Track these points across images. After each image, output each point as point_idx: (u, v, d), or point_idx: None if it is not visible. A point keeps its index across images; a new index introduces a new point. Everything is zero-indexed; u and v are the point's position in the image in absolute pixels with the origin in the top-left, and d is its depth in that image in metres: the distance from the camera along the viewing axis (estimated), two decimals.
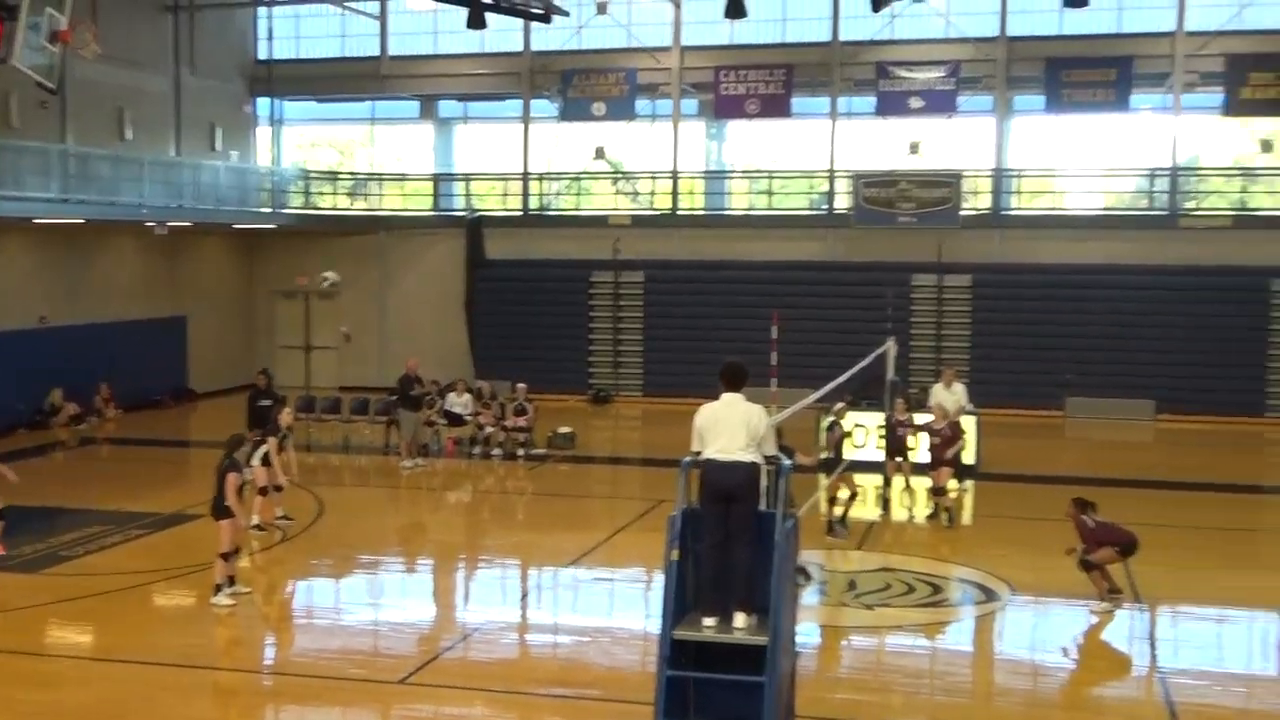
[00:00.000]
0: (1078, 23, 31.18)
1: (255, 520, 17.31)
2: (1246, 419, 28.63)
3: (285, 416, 18.23)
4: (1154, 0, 31.15)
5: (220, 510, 14.22)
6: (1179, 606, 14.61)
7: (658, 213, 33.86)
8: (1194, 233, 30.33)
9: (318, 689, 11.84)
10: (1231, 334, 29.11)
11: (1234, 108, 30.21)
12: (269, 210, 33.21)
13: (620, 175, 35.27)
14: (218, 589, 14.22)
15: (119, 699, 11.50)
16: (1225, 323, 29.20)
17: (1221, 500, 20.99)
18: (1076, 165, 32.50)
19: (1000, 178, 32.08)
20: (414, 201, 36.27)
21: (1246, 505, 21.30)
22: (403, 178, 36.87)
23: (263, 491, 17.41)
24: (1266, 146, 31.09)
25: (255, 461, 16.96)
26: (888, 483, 19.72)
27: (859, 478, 19.69)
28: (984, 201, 32.16)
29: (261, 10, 35.39)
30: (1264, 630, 14.70)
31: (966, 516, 19.76)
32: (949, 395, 21.02)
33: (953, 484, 19.28)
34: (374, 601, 15.49)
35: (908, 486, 19.67)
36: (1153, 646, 13.32)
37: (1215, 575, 15.97)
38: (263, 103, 36.34)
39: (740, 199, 35.32)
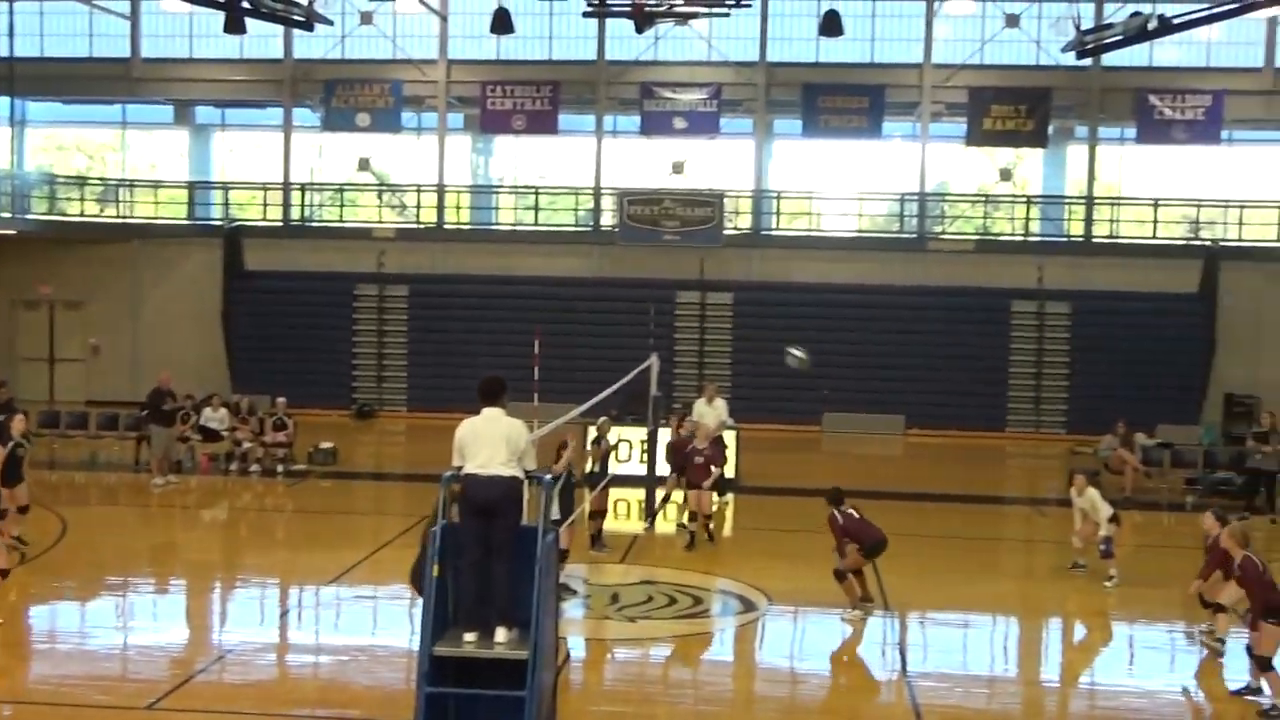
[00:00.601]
0: (833, 51, 32.39)
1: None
2: (990, 433, 30.11)
3: (18, 424, 16.89)
4: (905, 33, 32.62)
5: None
6: (926, 613, 15.23)
7: (423, 226, 33.56)
8: (941, 255, 31.82)
9: (62, 717, 11.27)
10: (976, 352, 30.59)
11: (975, 138, 31.84)
12: (10, 215, 31.50)
13: (385, 188, 34.84)
14: None
15: None
16: (970, 341, 30.65)
17: (966, 511, 21.99)
18: (832, 188, 33.65)
19: (760, 199, 32.98)
20: (168, 209, 34.97)
21: (989, 516, 22.35)
22: (157, 185, 35.51)
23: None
24: (1005, 175, 32.83)
25: None
26: (667, 498, 19.83)
27: (625, 492, 19.95)
28: (745, 221, 33.00)
29: (1, 4, 33.57)
30: (1004, 634, 15.46)
31: (727, 529, 20.16)
32: (711, 411, 21.41)
33: (714, 498, 19.56)
34: (122, 624, 14.83)
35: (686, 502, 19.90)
36: (902, 652, 13.84)
37: (960, 582, 16.70)
38: (3, 102, 34.46)
39: (507, 214, 35.31)
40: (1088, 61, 30.63)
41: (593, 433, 17.97)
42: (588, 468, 17.64)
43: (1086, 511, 16.60)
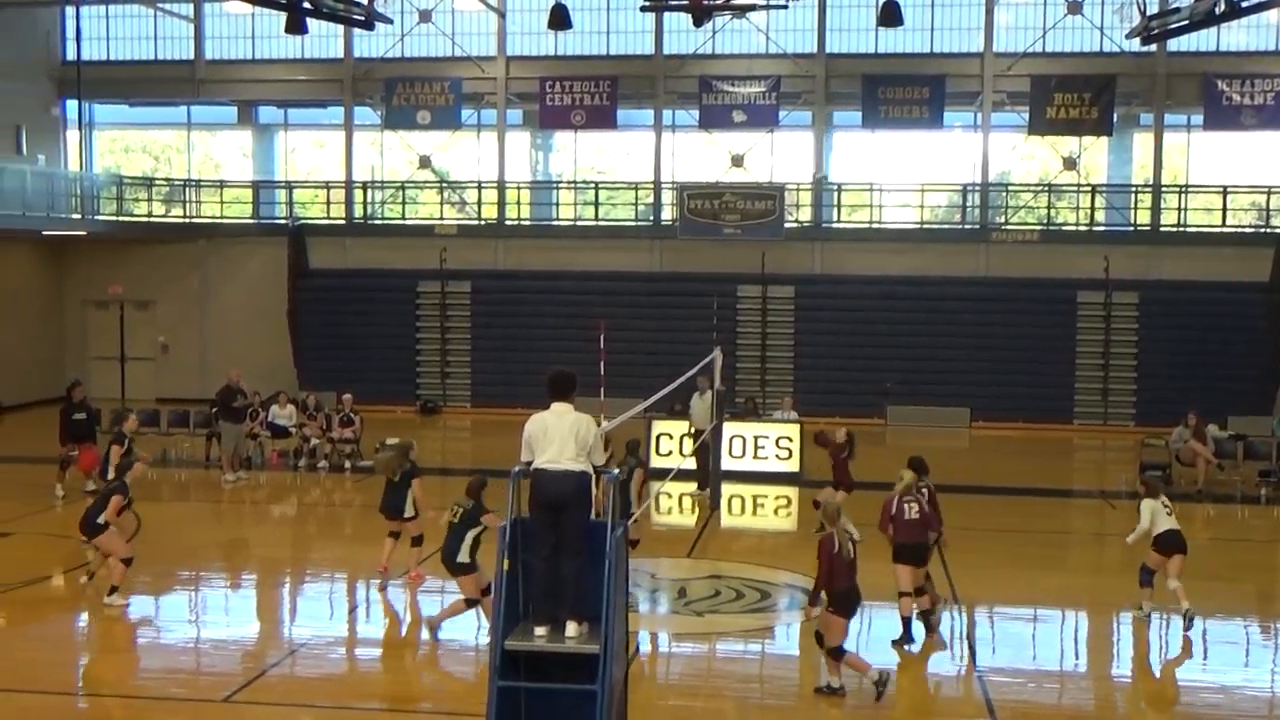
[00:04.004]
0: (893, 42, 32.17)
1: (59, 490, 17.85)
2: (1056, 425, 29.80)
3: (130, 423, 18.21)
4: (965, 21, 32.33)
5: (95, 529, 14.38)
6: (995, 607, 15.12)
7: (484, 223, 33.73)
8: (1004, 246, 31.53)
9: (138, 710, 11.46)
10: (1041, 344, 30.28)
11: (1038, 127, 31.47)
12: (80, 216, 32.01)
13: (446, 185, 35.03)
14: (112, 590, 14.36)
15: None
16: (1035, 333, 30.36)
17: (1033, 504, 21.79)
18: (893, 180, 33.42)
19: (821, 191, 32.81)
20: (233, 209, 35.40)
21: (1057, 509, 22.14)
22: (222, 185, 35.94)
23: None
24: (1070, 164, 32.44)
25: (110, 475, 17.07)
26: None
27: (681, 486, 20.11)
28: (806, 214, 32.86)
29: (69, 9, 34.13)
30: (1074, 629, 15.31)
31: (792, 523, 20.12)
32: (701, 403, 21.31)
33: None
34: (196, 619, 15.05)
35: None
36: (971, 646, 13.74)
37: (1029, 576, 16.56)
38: (71, 105, 35.04)
39: (567, 210, 35.39)
40: (1153, 47, 30.16)
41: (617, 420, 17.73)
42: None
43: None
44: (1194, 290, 30.24)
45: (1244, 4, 24.71)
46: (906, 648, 13.25)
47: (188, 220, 34.57)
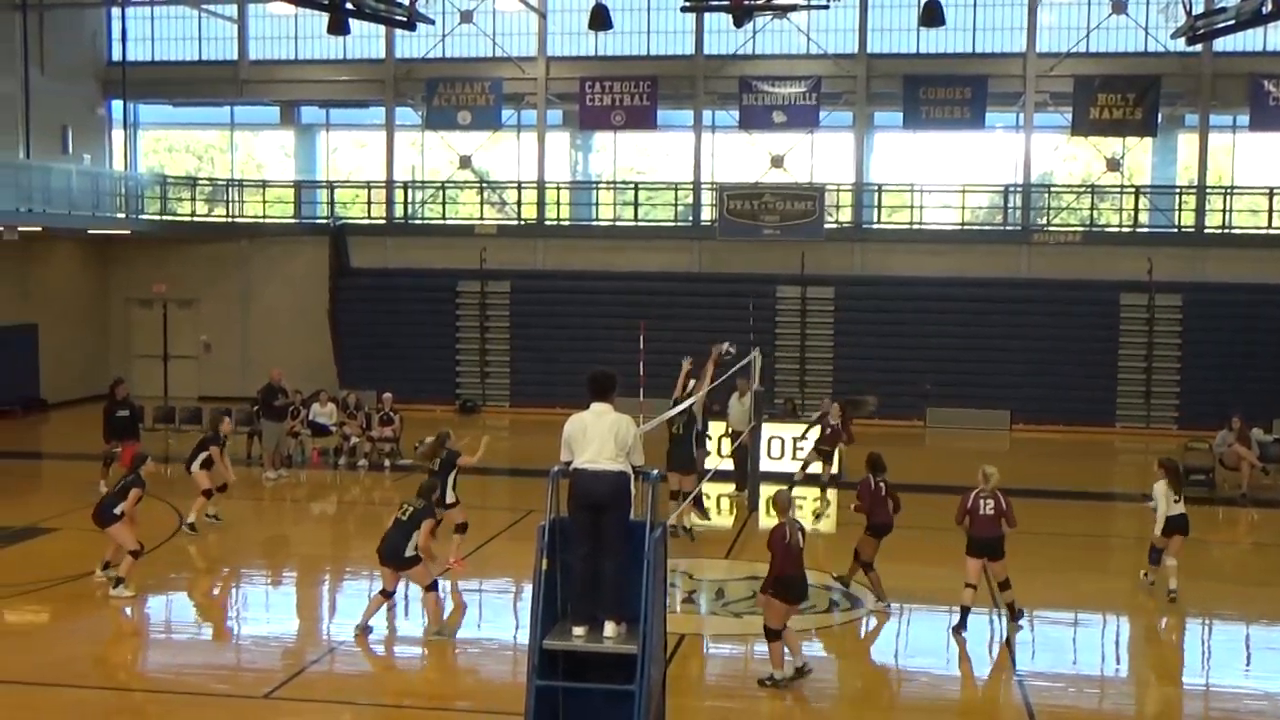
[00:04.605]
0: (934, 42, 32.02)
1: (191, 519, 18.00)
2: (1098, 428, 29.58)
3: (226, 426, 19.12)
4: (1007, 22, 32.11)
5: (110, 518, 14.64)
6: (1035, 611, 14.99)
7: (524, 223, 33.81)
8: (1046, 248, 31.31)
9: (179, 705, 11.56)
10: (1083, 346, 30.05)
11: (1081, 127, 31.25)
12: (124, 216, 32.34)
13: (486, 184, 35.14)
14: (118, 582, 14.63)
15: None
16: (1077, 335, 30.13)
17: (1074, 507, 21.63)
18: (934, 181, 33.25)
19: (861, 192, 32.70)
20: (275, 209, 35.63)
21: (1098, 512, 21.98)
22: (264, 184, 36.20)
23: (206, 494, 18.17)
24: (1113, 165, 32.18)
25: (196, 467, 18.20)
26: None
27: (719, 486, 20.11)
28: (846, 215, 32.75)
29: (114, 10, 34.49)
30: (1115, 633, 15.19)
31: (830, 525, 20.06)
32: (740, 406, 21.27)
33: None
34: (237, 615, 15.18)
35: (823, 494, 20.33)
36: (1011, 650, 13.66)
37: (1069, 580, 16.44)
38: (117, 105, 35.38)
39: (607, 210, 35.42)
40: (1198, 47, 29.88)
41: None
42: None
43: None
44: (1239, 292, 29.93)
45: None
46: (963, 634, 13.65)
47: (230, 220, 34.85)
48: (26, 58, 31.29)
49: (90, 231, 31.32)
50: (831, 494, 20.39)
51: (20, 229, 27.92)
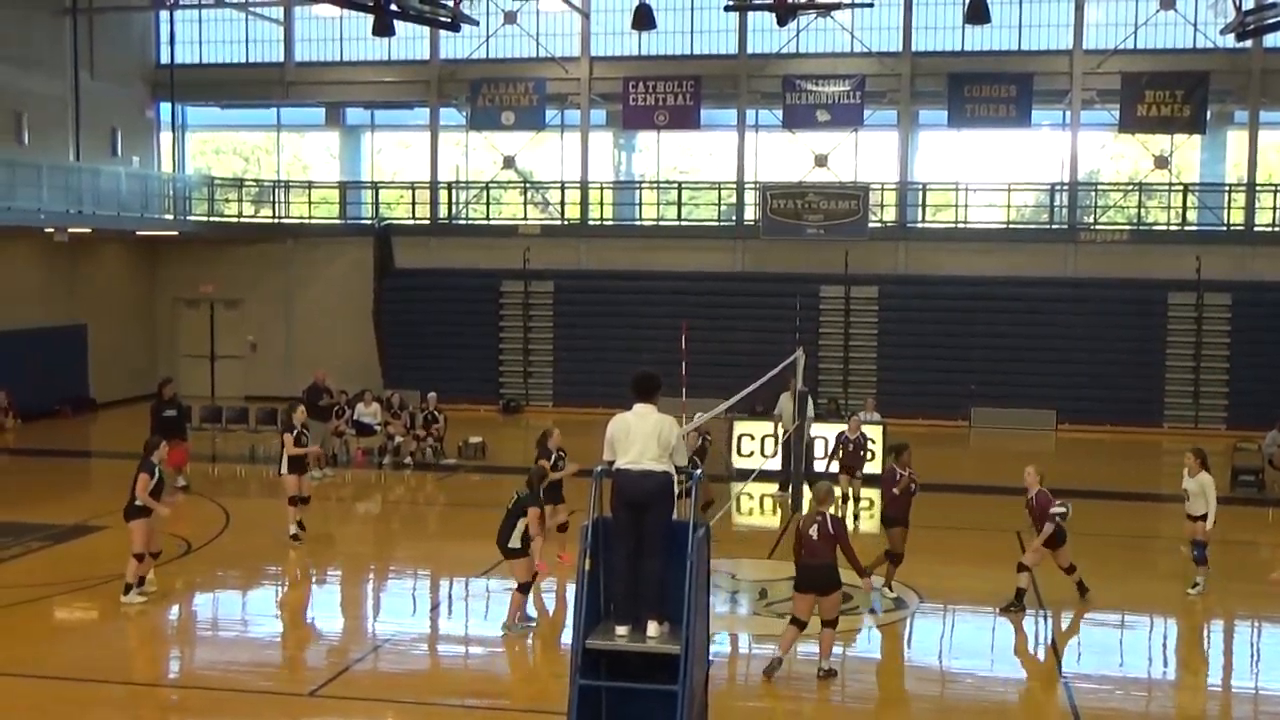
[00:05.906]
0: (980, 39, 31.83)
1: (293, 530, 17.80)
2: (1145, 428, 29.31)
3: (299, 414, 18.86)
4: (1053, 19, 31.88)
5: (132, 511, 14.46)
6: (1081, 612, 14.89)
7: (567, 223, 33.88)
8: (1093, 246, 31.05)
9: (224, 702, 11.65)
10: (1130, 345, 29.79)
11: (1129, 125, 30.95)
12: (172, 217, 32.67)
13: (530, 185, 35.23)
14: (128, 588, 14.38)
15: (6, 712, 11.20)
16: (1124, 334, 29.87)
17: (1121, 508, 21.43)
18: (979, 179, 33.04)
19: (905, 191, 32.55)
20: (321, 209, 35.91)
21: (1145, 513, 21.77)
22: (310, 185, 36.47)
23: (291, 501, 17.94)
24: (1161, 163, 31.87)
25: (284, 470, 17.96)
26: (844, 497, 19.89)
27: (762, 486, 20.05)
28: (890, 214, 32.61)
29: (163, 14, 34.84)
30: (1162, 635, 15.04)
31: (873, 525, 19.95)
32: (789, 402, 21.21)
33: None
34: (282, 613, 15.28)
35: (856, 498, 20.14)
36: (1056, 651, 13.56)
37: (1115, 582, 16.28)
38: (165, 108, 35.74)
39: (650, 209, 35.42)
40: (1248, 43, 29.56)
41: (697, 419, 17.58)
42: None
43: (1194, 497, 15.62)
44: None
45: None
46: (1013, 609, 14.28)
47: (276, 220, 35.13)
48: (76, 61, 31.68)
49: (139, 233, 31.68)
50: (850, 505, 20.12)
51: (70, 230, 28.30)
